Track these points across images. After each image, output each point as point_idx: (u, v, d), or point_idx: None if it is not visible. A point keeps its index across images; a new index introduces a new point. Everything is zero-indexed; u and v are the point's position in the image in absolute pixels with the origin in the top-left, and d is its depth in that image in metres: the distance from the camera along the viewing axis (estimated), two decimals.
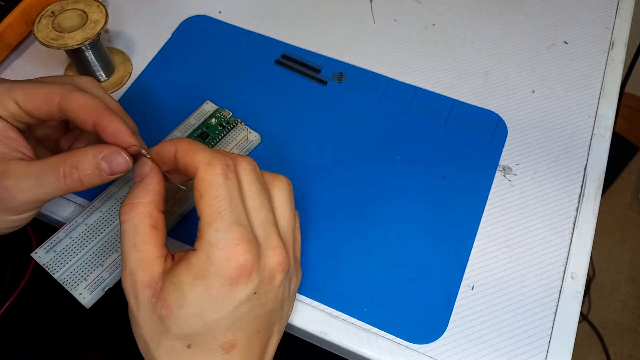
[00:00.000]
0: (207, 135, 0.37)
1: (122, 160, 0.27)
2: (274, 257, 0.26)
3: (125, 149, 0.27)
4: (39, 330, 0.53)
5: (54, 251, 0.32)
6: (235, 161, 0.26)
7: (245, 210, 0.26)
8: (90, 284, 0.31)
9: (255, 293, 0.25)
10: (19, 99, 0.27)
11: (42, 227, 0.41)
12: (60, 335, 0.55)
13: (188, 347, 0.25)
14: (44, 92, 0.27)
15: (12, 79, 0.42)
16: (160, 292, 0.25)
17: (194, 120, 0.38)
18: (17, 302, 0.47)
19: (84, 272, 0.32)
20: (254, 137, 0.38)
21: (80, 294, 0.31)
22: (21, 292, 0.48)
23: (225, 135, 0.38)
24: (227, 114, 0.39)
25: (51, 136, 0.33)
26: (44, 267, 0.32)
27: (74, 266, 0.32)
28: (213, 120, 0.38)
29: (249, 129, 0.38)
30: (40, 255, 0.32)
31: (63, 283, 0.31)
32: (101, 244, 0.33)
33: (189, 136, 0.37)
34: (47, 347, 0.53)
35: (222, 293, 0.24)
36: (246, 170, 0.26)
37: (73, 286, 0.31)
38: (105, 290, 0.32)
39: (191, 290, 0.24)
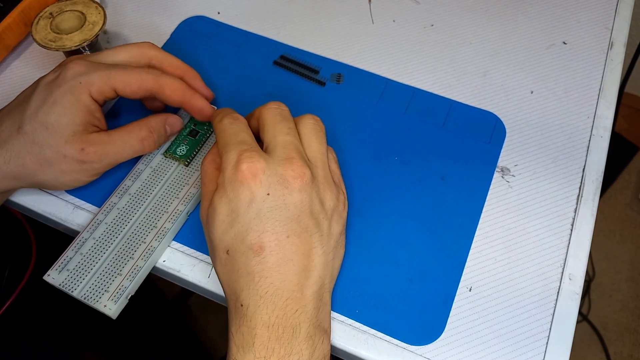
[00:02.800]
0: (197, 132, 0.37)
1: (179, 122, 0.37)
2: (286, 165, 0.29)
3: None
4: (39, 330, 0.53)
5: (67, 270, 0.32)
6: (263, 106, 0.33)
7: (263, 139, 0.31)
8: (113, 294, 0.31)
9: (268, 194, 0.28)
10: (117, 86, 0.33)
11: (43, 227, 0.41)
12: (60, 335, 0.55)
13: (227, 253, 0.29)
14: (139, 80, 0.33)
15: (10, 80, 0.42)
16: (207, 213, 0.30)
17: None
18: (17, 302, 0.48)
19: (104, 284, 0.32)
20: None
21: (105, 306, 0.31)
22: (21, 292, 0.48)
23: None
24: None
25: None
26: (60, 287, 0.32)
27: (91, 280, 0.32)
28: None
29: None
30: (54, 276, 0.32)
31: (84, 299, 0.31)
32: (115, 253, 0.33)
33: (178, 135, 0.37)
34: (47, 347, 0.53)
35: (237, 196, 0.28)
36: (270, 109, 0.32)
37: (96, 300, 0.31)
38: (129, 297, 0.32)
39: (218, 202, 0.29)
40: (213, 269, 0.32)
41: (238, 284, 0.28)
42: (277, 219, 0.28)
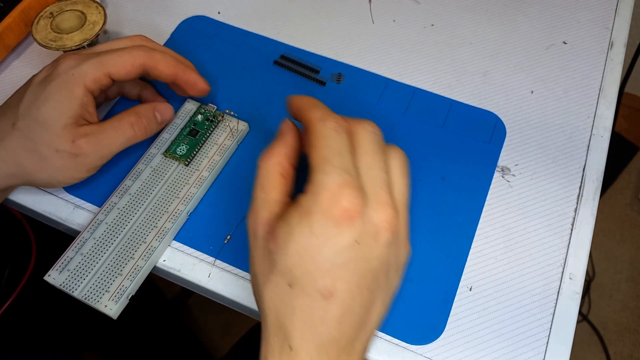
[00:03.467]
0: (197, 132, 0.37)
1: (169, 109, 0.36)
2: (380, 212, 0.26)
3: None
4: (39, 330, 0.53)
5: (68, 270, 0.32)
6: (355, 121, 0.28)
7: (357, 164, 0.27)
8: (114, 295, 0.31)
9: (357, 242, 0.25)
10: (111, 70, 0.33)
11: (43, 227, 0.41)
12: (60, 335, 0.55)
13: (290, 285, 0.25)
14: (131, 58, 0.33)
15: (11, 80, 0.42)
16: (273, 229, 0.26)
17: (179, 120, 0.38)
18: (17, 302, 0.48)
19: (104, 285, 0.32)
20: (243, 127, 0.38)
21: (105, 306, 0.31)
22: (21, 292, 0.48)
23: (214, 128, 0.38)
24: (212, 108, 0.39)
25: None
26: (61, 288, 0.32)
27: (92, 280, 0.32)
28: (199, 116, 0.38)
29: (237, 119, 0.38)
30: (54, 277, 0.32)
31: (85, 299, 0.31)
32: (115, 253, 0.33)
33: (178, 135, 0.37)
34: (47, 347, 0.53)
35: (325, 233, 0.25)
36: (366, 130, 0.28)
37: (96, 300, 0.31)
38: (130, 297, 0.32)
39: (297, 226, 0.25)
40: (252, 284, 0.28)
41: (292, 323, 0.25)
42: (356, 270, 0.25)
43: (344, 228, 0.25)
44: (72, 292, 0.32)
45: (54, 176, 0.33)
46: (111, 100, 0.40)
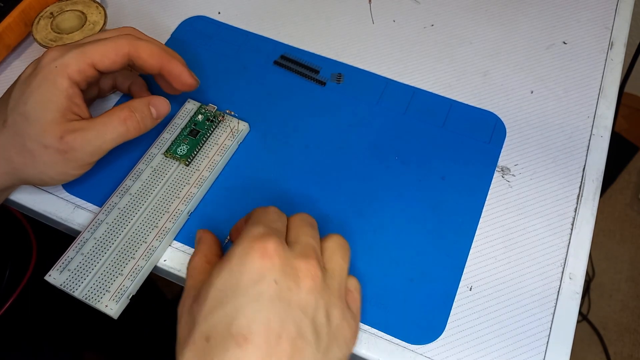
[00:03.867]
0: (198, 132, 0.37)
1: (165, 103, 0.34)
2: (303, 261, 0.26)
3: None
4: (39, 330, 0.53)
5: (68, 270, 0.32)
6: (293, 215, 0.30)
7: (288, 238, 0.28)
8: (114, 295, 0.31)
9: (275, 282, 0.25)
10: (94, 60, 0.32)
11: (43, 227, 0.41)
12: (60, 335, 0.55)
13: (207, 340, 0.24)
14: (114, 47, 0.32)
15: (11, 80, 0.42)
16: (198, 293, 0.27)
17: (179, 120, 0.38)
18: (18, 302, 0.48)
19: (105, 285, 0.32)
20: (243, 127, 0.38)
21: (106, 306, 0.31)
22: (21, 292, 0.48)
23: (215, 128, 0.38)
24: (212, 108, 0.39)
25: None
26: (61, 288, 0.32)
27: (92, 280, 0.32)
28: (200, 116, 0.38)
29: (237, 119, 0.38)
30: (55, 277, 0.32)
31: (85, 299, 0.31)
32: (116, 253, 0.33)
33: (178, 135, 0.37)
34: (47, 347, 0.53)
35: (242, 270, 0.25)
36: (300, 215, 0.30)
37: (97, 300, 0.31)
38: (130, 297, 0.32)
39: (217, 274, 0.26)
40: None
41: None
42: (276, 313, 0.24)
43: (262, 262, 0.25)
44: (73, 292, 0.32)
45: (45, 172, 0.32)
46: (106, 95, 0.40)
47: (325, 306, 0.26)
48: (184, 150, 0.37)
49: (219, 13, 0.46)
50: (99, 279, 0.32)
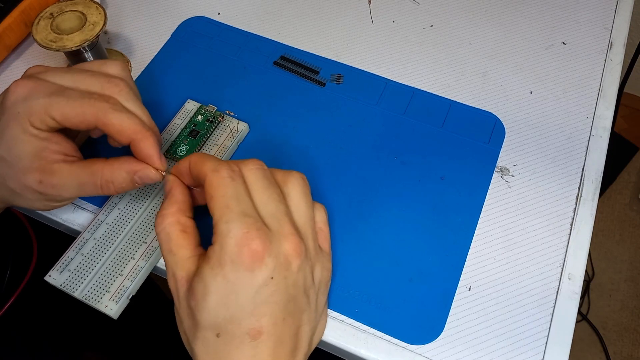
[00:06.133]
0: (197, 132, 0.38)
1: (152, 175, 0.30)
2: (287, 244, 0.27)
3: None
4: (40, 330, 0.53)
5: (68, 270, 0.32)
6: (241, 164, 0.29)
7: (254, 204, 0.27)
8: (114, 295, 0.31)
9: (272, 278, 0.26)
10: (56, 117, 0.29)
11: (44, 228, 0.41)
12: (61, 335, 0.55)
13: (217, 336, 0.26)
14: (80, 114, 0.29)
15: (11, 80, 0.42)
16: (191, 286, 0.27)
17: (179, 121, 0.38)
18: (18, 302, 0.48)
19: (104, 285, 0.32)
20: (242, 127, 0.38)
21: (106, 306, 0.31)
22: (22, 292, 0.48)
23: (214, 129, 0.38)
24: (212, 109, 0.39)
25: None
26: (61, 288, 0.32)
27: (92, 281, 0.32)
28: (199, 117, 0.38)
29: (237, 120, 0.38)
30: (55, 277, 0.32)
31: (85, 299, 0.31)
32: (116, 253, 0.33)
33: (178, 135, 0.37)
34: (47, 347, 0.53)
35: (239, 279, 0.26)
36: (252, 170, 0.28)
37: (97, 300, 0.31)
38: (130, 298, 0.32)
39: (211, 280, 0.26)
40: (183, 341, 0.28)
41: None
42: (277, 302, 0.26)
43: (256, 269, 0.26)
44: (73, 292, 0.32)
45: (32, 205, 0.31)
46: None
47: (310, 270, 0.28)
48: (184, 150, 0.37)
49: (219, 14, 0.46)
50: (99, 279, 0.32)
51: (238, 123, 0.38)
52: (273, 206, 0.28)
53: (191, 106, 0.39)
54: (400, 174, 0.37)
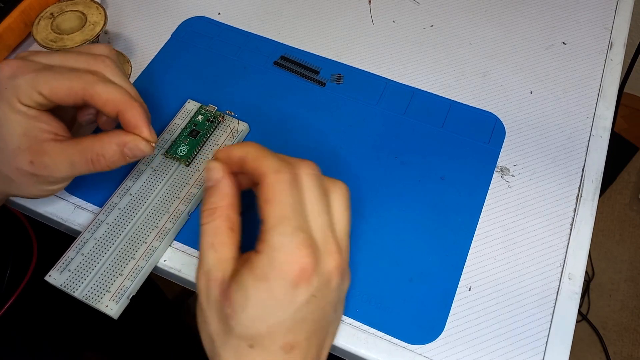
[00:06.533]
0: (198, 132, 0.38)
1: (143, 147, 0.30)
2: (331, 262, 0.26)
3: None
4: (40, 330, 0.53)
5: (69, 270, 0.32)
6: (298, 166, 0.27)
7: (307, 214, 0.26)
8: (114, 295, 0.31)
9: (314, 296, 0.26)
10: (44, 92, 0.29)
11: (44, 228, 0.41)
12: (61, 335, 0.55)
13: (250, 347, 0.26)
14: (67, 86, 0.29)
15: None
16: (227, 291, 0.26)
17: (179, 121, 0.38)
18: (18, 302, 0.48)
19: (105, 285, 0.32)
20: (243, 127, 0.38)
21: (106, 306, 0.31)
22: (22, 292, 0.48)
23: (215, 129, 0.38)
24: (212, 109, 0.39)
25: (71, 111, 0.35)
26: (62, 288, 0.32)
27: (93, 281, 0.32)
28: (200, 117, 0.38)
29: (237, 120, 0.39)
30: (55, 277, 0.32)
31: (86, 299, 0.31)
32: (116, 253, 0.33)
33: (179, 135, 0.37)
34: (47, 347, 0.53)
35: (284, 295, 0.25)
36: (309, 176, 0.27)
37: (97, 300, 0.31)
38: (130, 298, 0.32)
39: (254, 292, 0.25)
40: (206, 343, 0.28)
41: None
42: (314, 320, 0.26)
43: (302, 287, 0.25)
44: (73, 292, 0.32)
45: (28, 191, 0.31)
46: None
47: (342, 287, 0.28)
48: (184, 150, 0.37)
49: (219, 14, 0.46)
50: (99, 279, 0.32)
51: (238, 123, 0.38)
52: (323, 220, 0.27)
53: (191, 106, 0.39)
54: (400, 174, 0.37)
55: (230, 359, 0.26)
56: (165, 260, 0.34)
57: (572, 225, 0.35)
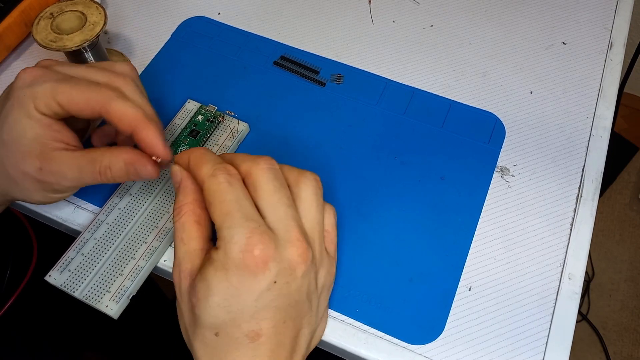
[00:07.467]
0: (198, 132, 0.38)
1: (149, 170, 0.30)
2: (292, 249, 0.27)
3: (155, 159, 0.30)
4: (40, 330, 0.53)
5: (69, 270, 0.32)
6: (252, 162, 0.28)
7: (262, 207, 0.27)
8: (114, 295, 0.31)
9: (275, 282, 0.26)
10: (61, 102, 0.29)
11: (44, 228, 0.41)
12: (61, 335, 0.55)
13: (216, 335, 0.26)
14: (85, 99, 0.29)
15: (11, 81, 0.42)
16: (193, 282, 0.27)
17: (179, 121, 0.38)
18: (18, 302, 0.48)
19: (105, 285, 0.32)
20: (243, 127, 0.38)
21: (106, 306, 0.31)
22: (22, 292, 0.48)
23: (215, 129, 0.38)
24: (212, 109, 0.39)
25: (83, 122, 0.35)
26: (62, 288, 0.32)
27: (93, 281, 0.32)
28: (200, 117, 0.38)
29: (237, 120, 0.39)
30: (55, 277, 0.32)
31: (86, 299, 0.31)
32: (116, 253, 0.33)
33: (179, 135, 0.37)
34: (47, 347, 0.53)
35: (242, 283, 0.26)
36: (263, 170, 0.28)
37: (97, 300, 0.31)
38: (130, 298, 0.32)
39: (214, 282, 0.26)
40: (183, 335, 0.29)
41: None
42: (279, 307, 0.27)
43: (259, 274, 0.26)
44: (73, 292, 0.32)
45: (32, 196, 0.31)
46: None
47: (314, 275, 0.28)
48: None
49: (219, 14, 0.46)
50: (99, 279, 0.32)
51: (238, 123, 0.38)
52: (281, 211, 0.27)
53: (191, 106, 0.39)
54: (400, 174, 0.37)
55: (199, 348, 0.27)
56: (165, 260, 0.34)
57: (572, 225, 0.35)
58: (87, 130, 0.37)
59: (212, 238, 0.29)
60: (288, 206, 0.28)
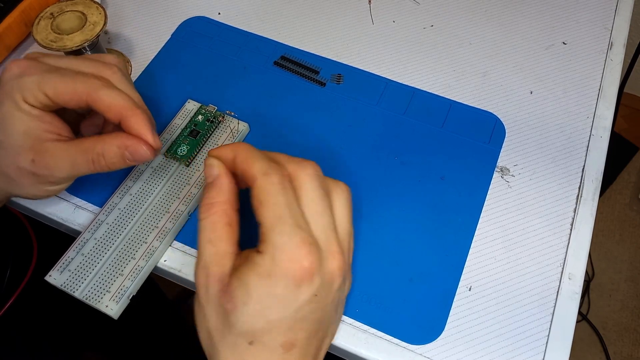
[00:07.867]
0: (198, 132, 0.38)
1: (143, 152, 0.30)
2: (334, 263, 0.26)
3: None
4: (40, 330, 0.53)
5: (69, 270, 0.32)
6: (298, 167, 0.27)
7: (306, 215, 0.26)
8: (115, 295, 0.31)
9: (316, 295, 0.26)
10: (49, 93, 0.29)
11: (44, 228, 0.41)
12: (61, 335, 0.55)
13: (250, 343, 0.26)
14: (71, 89, 0.29)
15: None
16: (227, 287, 0.26)
17: (179, 121, 0.38)
18: (18, 302, 0.48)
19: (105, 285, 0.32)
20: (243, 127, 0.38)
21: (106, 307, 0.31)
22: (22, 292, 0.48)
23: (215, 129, 0.38)
24: (212, 109, 0.39)
25: (75, 115, 0.35)
26: (62, 288, 0.32)
27: (93, 281, 0.32)
28: (200, 117, 0.38)
29: (237, 120, 0.39)
30: (55, 277, 0.32)
31: (86, 299, 0.31)
32: (116, 253, 0.33)
33: (179, 135, 0.37)
34: (47, 347, 0.53)
35: (286, 293, 0.25)
36: (310, 176, 0.27)
37: (97, 300, 0.31)
38: (130, 298, 0.32)
39: (256, 289, 0.25)
40: (203, 338, 0.28)
41: None
42: (315, 319, 0.26)
43: (304, 286, 0.25)
44: (73, 292, 0.32)
45: (28, 191, 0.31)
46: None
47: (344, 287, 0.28)
48: (184, 150, 0.37)
49: (219, 14, 0.46)
50: (100, 279, 0.32)
51: (238, 123, 0.38)
52: (325, 220, 0.27)
53: (191, 106, 0.39)
54: (400, 174, 0.37)
55: (228, 356, 0.26)
56: (165, 260, 0.34)
57: (572, 225, 0.35)
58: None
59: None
60: (330, 216, 0.27)
